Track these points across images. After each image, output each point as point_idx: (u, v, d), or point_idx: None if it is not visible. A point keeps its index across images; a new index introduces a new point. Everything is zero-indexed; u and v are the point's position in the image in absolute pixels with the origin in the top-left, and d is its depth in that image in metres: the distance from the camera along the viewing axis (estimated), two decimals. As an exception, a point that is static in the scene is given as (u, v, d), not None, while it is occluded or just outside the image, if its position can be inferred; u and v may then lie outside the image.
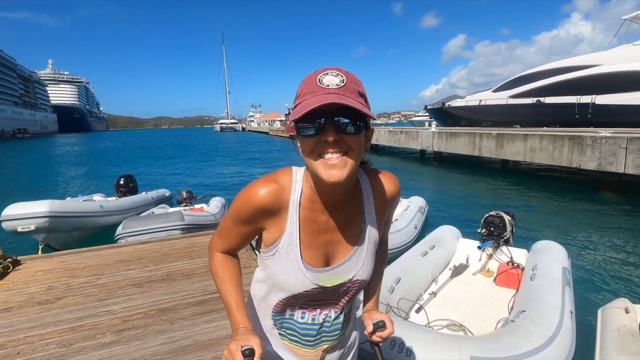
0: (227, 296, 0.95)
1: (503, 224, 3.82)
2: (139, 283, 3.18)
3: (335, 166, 0.75)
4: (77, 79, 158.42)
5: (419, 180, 13.51)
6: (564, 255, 3.32)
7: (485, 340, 2.09)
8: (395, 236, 4.75)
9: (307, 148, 0.77)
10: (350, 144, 0.76)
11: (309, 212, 0.88)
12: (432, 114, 34.15)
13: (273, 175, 0.89)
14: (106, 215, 5.95)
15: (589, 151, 9.41)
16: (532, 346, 2.04)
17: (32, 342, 2.30)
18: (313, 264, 0.90)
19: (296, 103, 0.78)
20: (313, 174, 0.83)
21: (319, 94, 0.73)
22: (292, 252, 0.89)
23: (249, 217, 0.88)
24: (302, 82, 0.79)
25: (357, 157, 0.78)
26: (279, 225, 0.88)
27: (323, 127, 0.74)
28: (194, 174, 17.51)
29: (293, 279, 0.89)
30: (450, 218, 7.32)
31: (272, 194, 0.85)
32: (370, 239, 0.96)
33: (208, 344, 2.25)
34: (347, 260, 0.93)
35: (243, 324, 0.91)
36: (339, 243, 0.92)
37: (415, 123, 58.18)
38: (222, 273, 0.97)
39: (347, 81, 0.75)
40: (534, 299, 2.58)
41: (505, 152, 12.49)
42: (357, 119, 0.75)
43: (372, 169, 1.00)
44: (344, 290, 0.96)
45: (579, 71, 19.79)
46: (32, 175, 17.83)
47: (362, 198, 0.94)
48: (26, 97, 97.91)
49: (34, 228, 4.83)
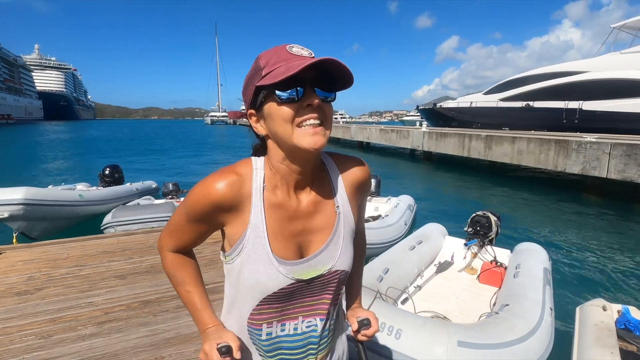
0: (188, 298, 0.89)
1: (489, 223, 3.91)
2: (122, 275, 3.14)
3: (318, 132, 0.73)
4: (65, 65, 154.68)
5: (408, 178, 13.63)
6: (545, 257, 3.43)
7: (471, 328, 2.18)
8: (386, 231, 4.82)
9: (286, 116, 0.72)
10: (327, 112, 0.75)
11: (274, 197, 0.80)
12: (423, 114, 34.42)
13: (231, 166, 0.81)
14: (86, 205, 5.78)
15: (574, 155, 9.61)
16: (514, 336, 2.14)
17: (10, 333, 2.25)
18: (285, 256, 0.80)
19: (266, 72, 0.72)
20: (286, 148, 0.77)
21: (297, 60, 0.70)
22: (260, 245, 0.78)
23: (204, 213, 0.79)
24: (260, 57, 0.75)
25: (330, 126, 0.77)
26: (242, 218, 0.79)
27: (304, 92, 0.71)
28: (182, 166, 17.30)
29: (265, 276, 0.79)
30: (438, 216, 7.40)
31: (231, 187, 0.77)
32: (347, 224, 0.88)
33: (191, 337, 2.24)
34: (323, 250, 0.84)
35: (212, 323, 0.87)
36: (312, 231, 0.84)
37: (405, 122, 58.19)
38: (178, 274, 0.90)
39: (315, 55, 0.74)
40: (516, 294, 2.68)
41: (493, 153, 12.67)
42: (331, 89, 0.75)
43: (334, 152, 0.94)
44: (323, 283, 0.85)
45: (568, 77, 20.18)
46: (14, 163, 17.36)
47: (329, 178, 0.88)
48: (10, 82, 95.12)
49: (7, 215, 4.64)
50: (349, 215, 0.89)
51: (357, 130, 24.93)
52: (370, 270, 2.99)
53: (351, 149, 24.98)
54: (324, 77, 0.73)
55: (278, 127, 0.74)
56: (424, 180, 13.87)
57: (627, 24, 20.23)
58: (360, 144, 24.98)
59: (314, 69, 0.70)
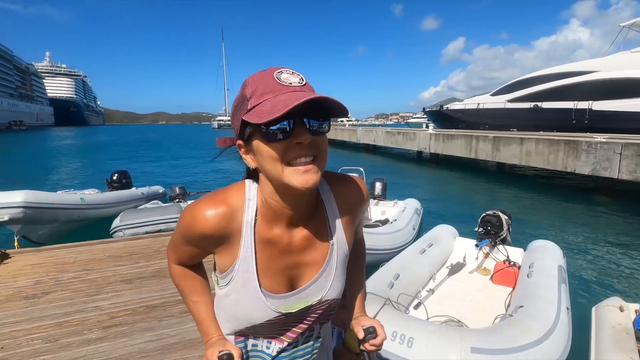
0: (194, 308, 0.89)
1: (500, 223, 3.84)
2: (129, 279, 3.15)
3: (309, 170, 0.67)
4: (75, 72, 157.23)
5: (415, 180, 13.54)
6: (560, 254, 3.36)
7: (484, 333, 2.13)
8: (395, 236, 4.77)
9: (274, 155, 0.67)
10: (320, 146, 0.69)
11: (266, 233, 0.77)
12: (430, 117, 34.25)
13: (222, 193, 0.77)
14: (87, 208, 5.71)
15: (584, 156, 9.45)
16: (529, 339, 2.08)
17: (17, 337, 2.26)
18: (274, 290, 0.79)
19: (252, 105, 0.67)
20: (277, 186, 0.72)
21: (286, 92, 0.65)
22: (249, 279, 0.77)
23: (194, 240, 0.79)
24: (247, 84, 0.70)
25: (325, 160, 0.71)
26: (232, 251, 0.77)
27: (294, 129, 0.65)
28: (189, 171, 17.42)
29: (252, 309, 0.78)
30: (447, 218, 7.33)
31: (220, 219, 0.74)
32: (340, 255, 0.85)
33: (195, 342, 2.23)
34: (314, 282, 0.82)
35: (216, 334, 0.87)
36: (303, 265, 0.81)
37: (410, 125, 57.46)
38: (184, 284, 0.91)
39: (306, 80, 0.69)
40: (531, 295, 2.62)
41: (501, 155, 12.52)
42: (324, 118, 0.69)
43: (332, 174, 0.89)
44: (311, 312, 0.84)
45: (577, 77, 19.90)
46: (26, 168, 17.67)
47: (325, 210, 0.83)
48: (22, 89, 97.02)
49: (7, 218, 4.61)
50: (343, 245, 0.86)
51: (363, 133, 24.89)
52: (380, 277, 2.94)
53: (357, 151, 24.94)
54: (316, 105, 0.66)
55: (267, 164, 0.69)
56: (431, 182, 13.76)
57: (636, 22, 19.93)
58: (366, 147, 24.92)
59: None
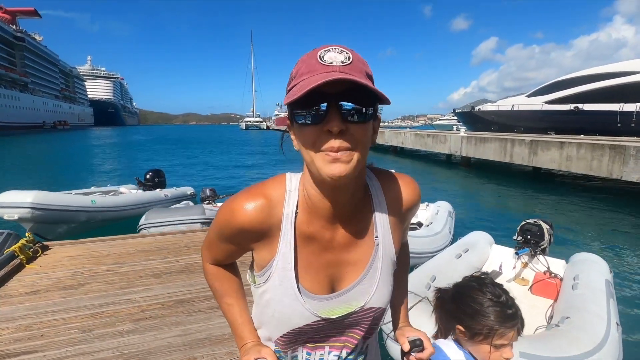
0: (229, 311, 0.85)
1: (541, 232, 3.67)
2: (158, 274, 3.21)
3: (338, 159, 0.60)
4: (113, 74, 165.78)
5: (446, 184, 13.16)
6: (606, 269, 3.17)
7: (533, 340, 2.07)
8: (433, 239, 4.73)
9: (306, 140, 0.62)
10: (356, 135, 0.61)
11: (307, 227, 0.72)
12: (460, 118, 33.28)
13: (262, 186, 0.73)
14: (96, 211, 5.76)
15: (632, 162, 8.82)
16: (580, 351, 2.00)
17: (56, 326, 2.35)
18: (314, 290, 0.73)
19: (291, 86, 0.63)
20: (313, 175, 0.67)
21: (321, 72, 0.58)
22: (287, 277, 0.72)
23: (231, 236, 0.75)
24: (297, 63, 0.64)
25: (364, 151, 0.63)
26: (270, 246, 0.73)
27: (326, 114, 0.59)
28: (218, 171, 17.84)
29: (290, 310, 0.73)
30: (480, 224, 7.06)
31: (259, 212, 0.70)
32: (386, 257, 0.78)
33: (222, 339, 2.22)
34: (357, 284, 0.76)
35: (251, 339, 0.83)
36: (346, 264, 0.75)
37: (436, 127, 55.02)
38: (219, 285, 0.87)
39: (354, 59, 0.61)
40: (577, 307, 2.50)
41: (538, 159, 11.93)
42: (365, 104, 0.60)
43: (385, 171, 0.82)
44: (355, 321, 0.78)
45: (623, 77, 18.70)
46: (73, 164, 18.84)
47: (372, 206, 0.77)
48: (66, 91, 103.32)
49: (16, 217, 4.83)
50: (389, 247, 0.78)
51: (391, 135, 24.55)
52: (416, 277, 2.92)
53: (385, 153, 24.62)
54: (359, 90, 0.59)
55: (302, 149, 0.65)
56: (463, 186, 13.31)
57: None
58: (394, 149, 24.56)
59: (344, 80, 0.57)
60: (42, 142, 37.13)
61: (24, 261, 3.34)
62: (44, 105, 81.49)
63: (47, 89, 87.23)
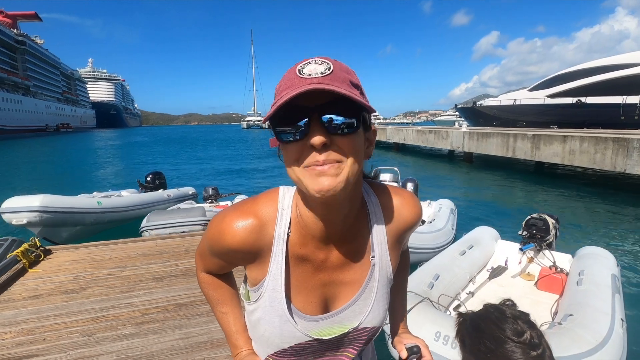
0: (223, 319, 0.84)
1: (547, 227, 3.67)
2: (159, 277, 3.22)
3: (325, 172, 0.55)
4: (114, 76, 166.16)
5: (448, 180, 13.14)
6: (613, 262, 3.14)
7: None
8: (436, 236, 4.72)
9: (290, 157, 0.58)
10: (344, 147, 0.57)
11: (299, 248, 0.69)
12: (462, 113, 33.12)
13: (253, 203, 0.70)
14: (103, 212, 5.81)
15: (635, 154, 8.74)
16: (581, 349, 1.98)
17: (58, 330, 2.36)
18: (306, 310, 0.71)
19: (274, 102, 0.58)
20: (303, 195, 0.64)
21: (299, 86, 0.54)
22: (277, 299, 0.69)
23: (221, 254, 0.72)
24: (281, 78, 0.61)
25: (355, 165, 0.58)
26: (261, 266, 0.70)
27: (307, 129, 0.55)
28: (219, 171, 17.87)
29: (280, 330, 0.70)
30: (484, 219, 7.03)
31: (249, 233, 0.66)
32: (382, 277, 0.75)
33: (223, 342, 2.22)
34: (351, 305, 0.73)
35: (245, 348, 0.82)
36: (340, 284, 0.72)
37: (437, 123, 54.66)
38: (213, 293, 0.85)
39: (335, 69, 0.56)
40: (581, 303, 2.48)
41: (541, 154, 11.86)
42: (349, 114, 0.57)
43: (384, 186, 0.77)
44: (349, 340, 0.75)
45: (625, 69, 18.55)
46: (77, 167, 18.95)
47: (369, 224, 0.73)
48: (68, 93, 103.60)
49: (25, 222, 4.83)
50: (386, 267, 0.75)
51: (392, 132, 24.47)
52: (419, 277, 2.90)
53: (386, 150, 24.56)
54: (342, 100, 0.55)
55: (288, 168, 0.60)
56: (465, 182, 13.27)
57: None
58: (396, 146, 24.49)
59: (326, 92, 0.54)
60: (46, 146, 37.34)
61: (26, 265, 3.36)
62: (47, 108, 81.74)
63: (49, 92, 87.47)
